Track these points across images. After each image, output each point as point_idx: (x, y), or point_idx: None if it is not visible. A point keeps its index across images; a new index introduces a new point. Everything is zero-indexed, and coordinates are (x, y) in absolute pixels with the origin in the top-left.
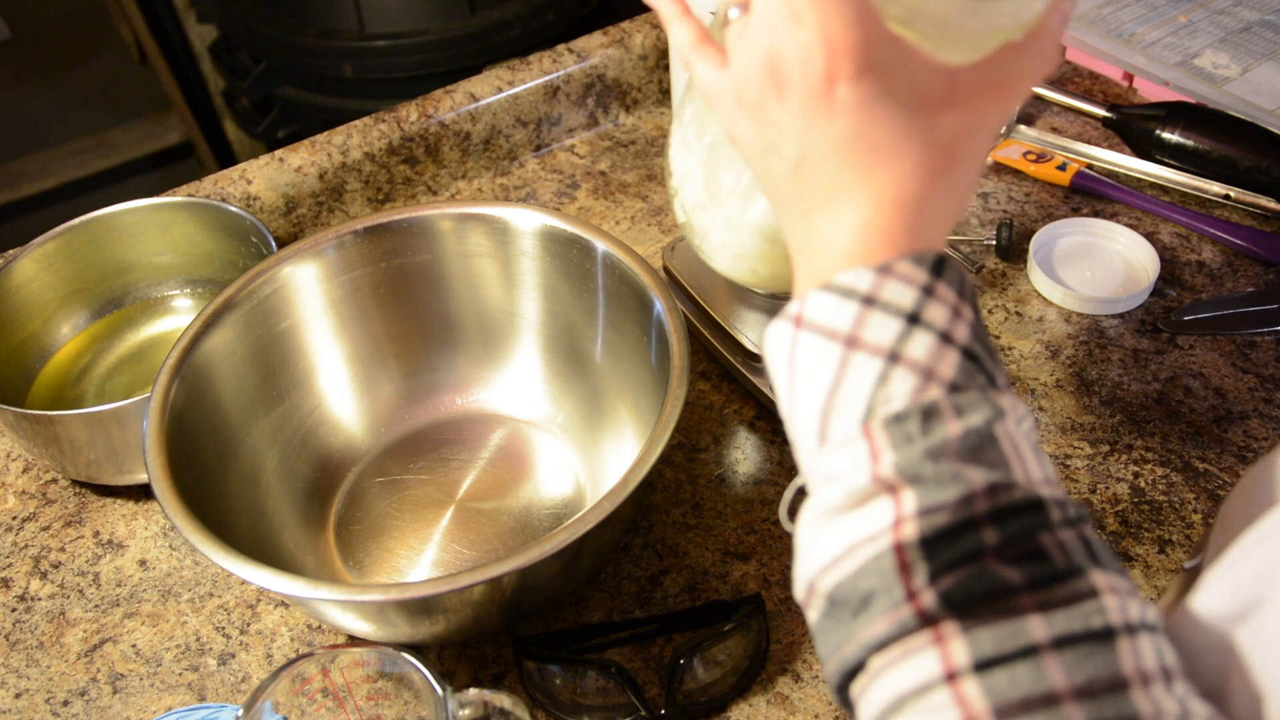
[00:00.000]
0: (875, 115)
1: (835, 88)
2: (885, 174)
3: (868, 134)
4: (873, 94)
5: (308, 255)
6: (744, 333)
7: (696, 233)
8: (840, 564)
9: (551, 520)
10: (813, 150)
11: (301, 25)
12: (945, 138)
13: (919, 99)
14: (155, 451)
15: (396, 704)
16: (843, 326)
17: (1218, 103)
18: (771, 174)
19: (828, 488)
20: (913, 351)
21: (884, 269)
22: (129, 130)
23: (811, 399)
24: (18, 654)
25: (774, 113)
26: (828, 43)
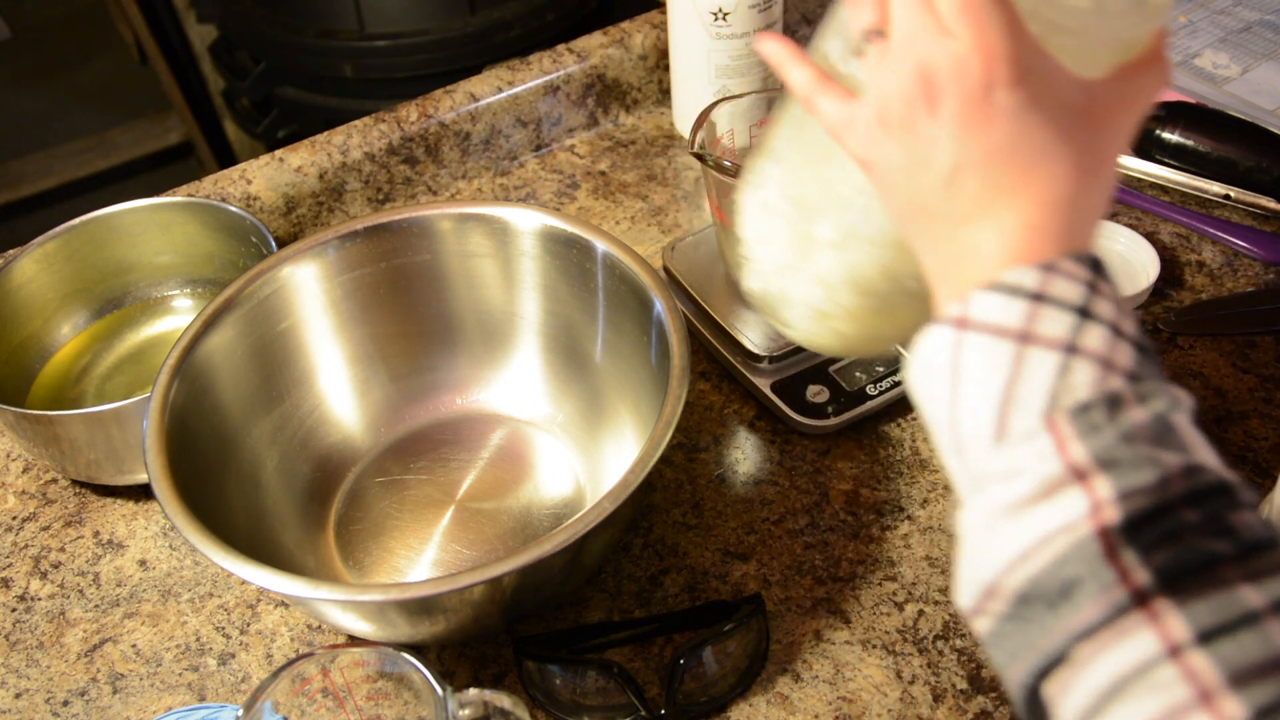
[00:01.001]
0: (1032, 120)
1: (993, 94)
2: (1044, 176)
3: (1026, 138)
4: (1028, 99)
5: (308, 255)
6: (744, 333)
7: (774, 298)
8: (1033, 557)
9: (551, 520)
10: (969, 158)
11: (301, 25)
12: (1091, 143)
13: (1066, 106)
14: (155, 451)
15: (396, 704)
16: (1014, 323)
17: (1218, 103)
18: (919, 190)
19: (1006, 484)
20: (1090, 343)
21: (1049, 266)
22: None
23: (983, 398)
24: (18, 654)
25: (925, 126)
26: (984, 51)
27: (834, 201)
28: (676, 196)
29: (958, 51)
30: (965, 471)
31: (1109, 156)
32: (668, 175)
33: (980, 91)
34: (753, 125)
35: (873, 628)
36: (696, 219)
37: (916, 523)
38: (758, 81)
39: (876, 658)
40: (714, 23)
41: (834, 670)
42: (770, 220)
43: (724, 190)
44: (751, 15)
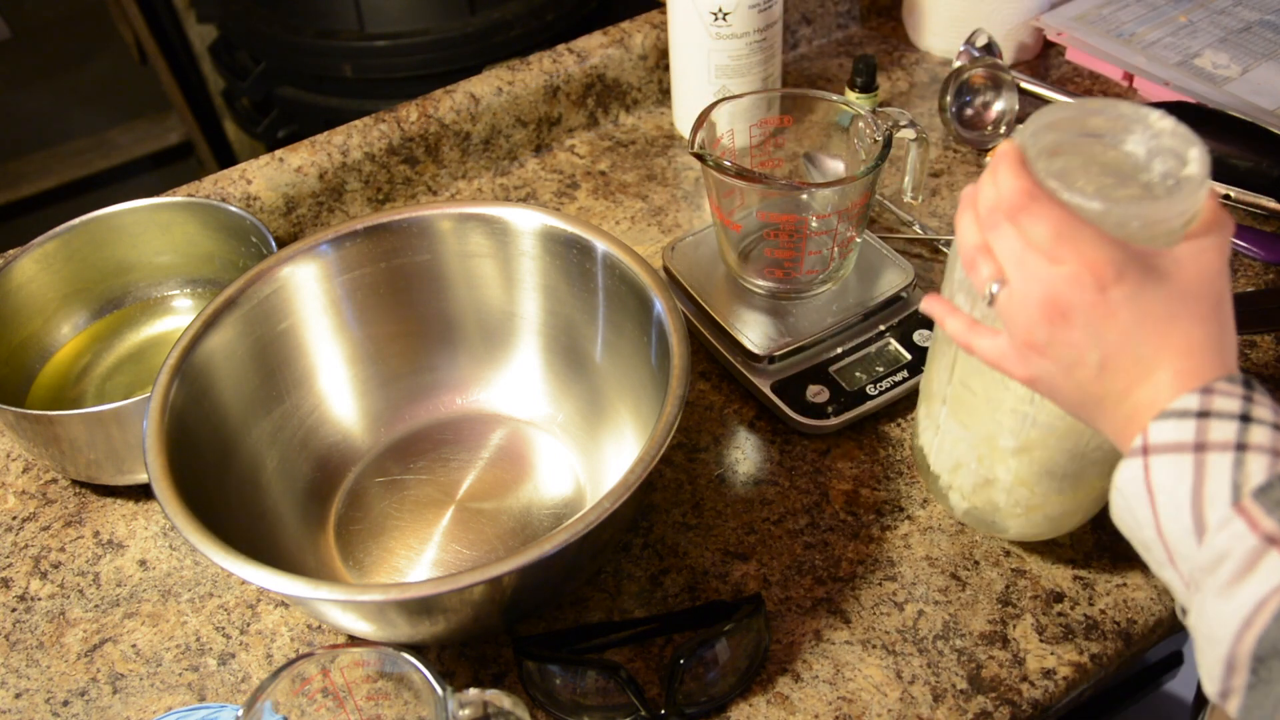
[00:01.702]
0: (1146, 298)
1: (1108, 293)
2: (1174, 334)
3: (1148, 314)
4: (1135, 285)
5: (308, 255)
6: (744, 333)
7: (982, 511)
8: (1255, 621)
9: (551, 520)
10: (1111, 347)
11: (301, 25)
12: (1195, 293)
13: (1164, 277)
14: (155, 451)
15: (396, 704)
16: (1188, 438)
17: (1218, 103)
18: (1081, 385)
19: (1215, 571)
20: (1256, 439)
21: (1206, 389)
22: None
23: (1179, 505)
24: (18, 654)
25: (1067, 336)
26: (1088, 265)
27: (1007, 415)
28: (676, 196)
29: (1068, 273)
30: (1180, 577)
31: (1215, 299)
32: (668, 175)
33: (1097, 295)
34: (752, 125)
35: (873, 628)
36: (696, 219)
37: (916, 523)
38: (758, 81)
39: (876, 658)
40: (714, 23)
41: (834, 670)
42: (955, 449)
43: (724, 190)
44: (751, 15)
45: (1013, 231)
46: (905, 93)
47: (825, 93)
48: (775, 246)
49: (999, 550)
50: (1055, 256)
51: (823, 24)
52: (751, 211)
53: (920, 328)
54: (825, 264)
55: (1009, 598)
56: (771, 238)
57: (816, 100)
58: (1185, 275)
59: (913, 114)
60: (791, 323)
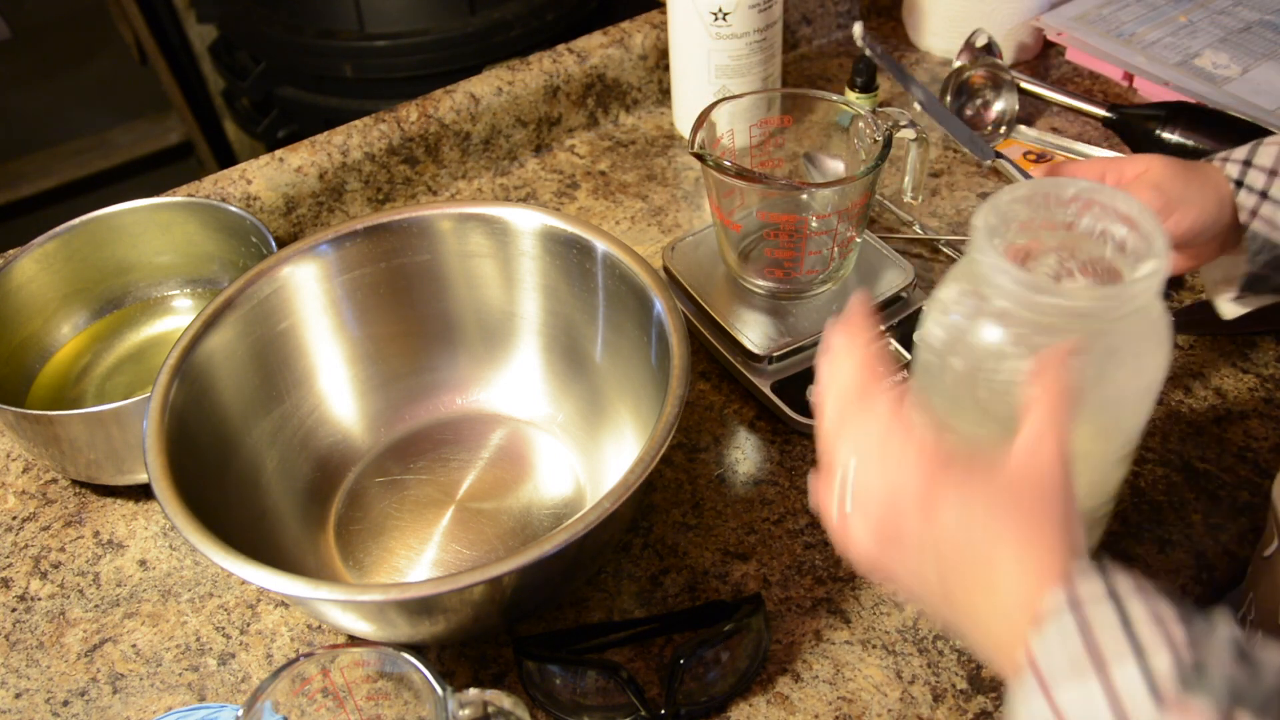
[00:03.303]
0: (971, 510)
1: (934, 515)
2: (1007, 541)
3: (974, 527)
4: (958, 500)
5: (308, 255)
6: (744, 333)
7: None
8: None
9: (551, 520)
10: (945, 563)
11: (301, 25)
12: (1027, 495)
13: (990, 483)
14: (155, 451)
15: (396, 704)
16: (1078, 649)
17: (1218, 103)
18: (935, 603)
19: None
20: (1141, 633)
21: (1065, 577)
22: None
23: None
24: (18, 654)
25: (902, 558)
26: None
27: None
28: (676, 196)
29: (893, 494)
30: None
31: (1047, 497)
32: (668, 175)
33: (923, 518)
34: (752, 125)
35: (873, 628)
36: (696, 219)
37: None
38: (758, 81)
39: (876, 658)
40: (714, 23)
41: (834, 670)
42: None
43: (724, 190)
44: (751, 15)
45: (848, 436)
46: (905, 93)
47: (825, 93)
48: (775, 246)
49: None
50: (883, 468)
51: (823, 24)
52: (751, 211)
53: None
54: (825, 264)
55: None
56: (771, 238)
57: (816, 100)
58: (1014, 474)
59: (913, 114)
60: (791, 323)
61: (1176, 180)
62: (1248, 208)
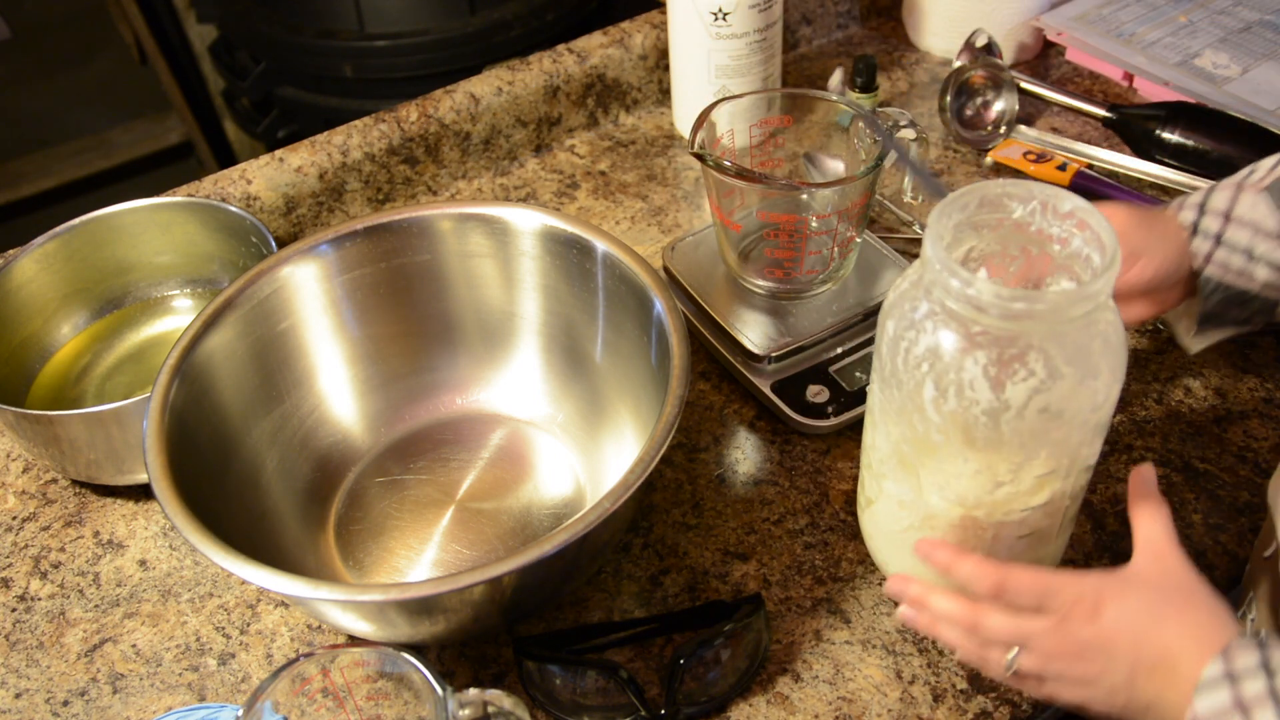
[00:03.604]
0: (1130, 610)
1: (1099, 622)
2: (1171, 628)
3: (1139, 623)
4: (1116, 605)
5: (308, 255)
6: (744, 333)
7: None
8: None
9: (551, 520)
10: (1125, 662)
11: (301, 25)
12: (1170, 586)
13: (1134, 585)
14: (155, 451)
15: (396, 704)
16: (1228, 702)
17: (1218, 103)
18: (1123, 705)
19: None
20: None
21: (1224, 652)
22: (129, 130)
23: None
24: (18, 654)
25: (1086, 669)
26: (1074, 607)
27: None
28: (676, 196)
29: (1062, 620)
30: None
31: (1188, 583)
32: (668, 175)
33: (1093, 626)
34: (752, 125)
35: (873, 628)
36: (696, 219)
37: None
38: (758, 81)
39: (876, 658)
40: (714, 23)
41: (834, 670)
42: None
43: (724, 190)
44: (751, 15)
45: (1001, 614)
46: (905, 93)
47: (825, 93)
48: (775, 246)
49: None
50: (1046, 612)
51: (823, 24)
52: (751, 211)
53: None
54: (825, 264)
55: None
56: (771, 238)
57: (816, 100)
58: (1151, 577)
59: (913, 114)
60: (791, 323)
61: (1139, 230)
62: (1202, 254)
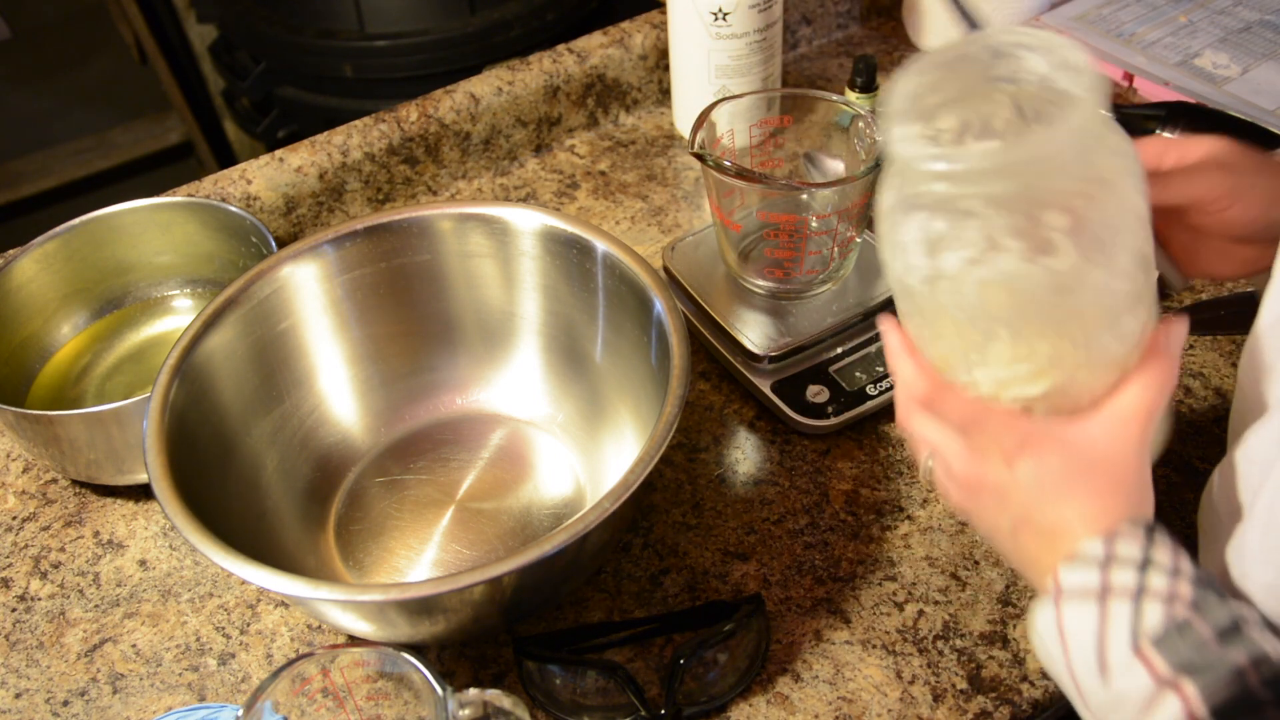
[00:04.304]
0: (1045, 471)
1: (1013, 470)
2: (1074, 505)
3: (1047, 486)
4: (1036, 462)
5: (308, 255)
6: (744, 333)
7: None
8: None
9: (551, 520)
10: (1016, 517)
11: (301, 25)
12: (1101, 467)
13: (1068, 449)
14: (155, 451)
15: (396, 704)
16: (1094, 585)
17: (1218, 103)
18: (1003, 546)
19: (1118, 710)
20: (1154, 585)
21: (1110, 533)
22: (129, 130)
23: (1086, 649)
24: (18, 654)
25: (980, 506)
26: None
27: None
28: (676, 196)
29: (977, 454)
30: (1089, 712)
31: (1120, 472)
32: (668, 175)
33: (1004, 472)
34: (752, 125)
35: (873, 628)
36: (696, 219)
37: (916, 523)
38: (758, 81)
39: (876, 658)
40: (714, 23)
41: (834, 670)
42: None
43: (724, 190)
44: (751, 15)
45: (927, 420)
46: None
47: (825, 93)
48: (775, 246)
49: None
50: (968, 436)
51: (823, 24)
52: (751, 211)
53: None
54: (825, 264)
55: (1009, 598)
56: (771, 238)
57: (816, 100)
58: (1092, 445)
59: None
60: (791, 323)
61: (1248, 164)
62: None
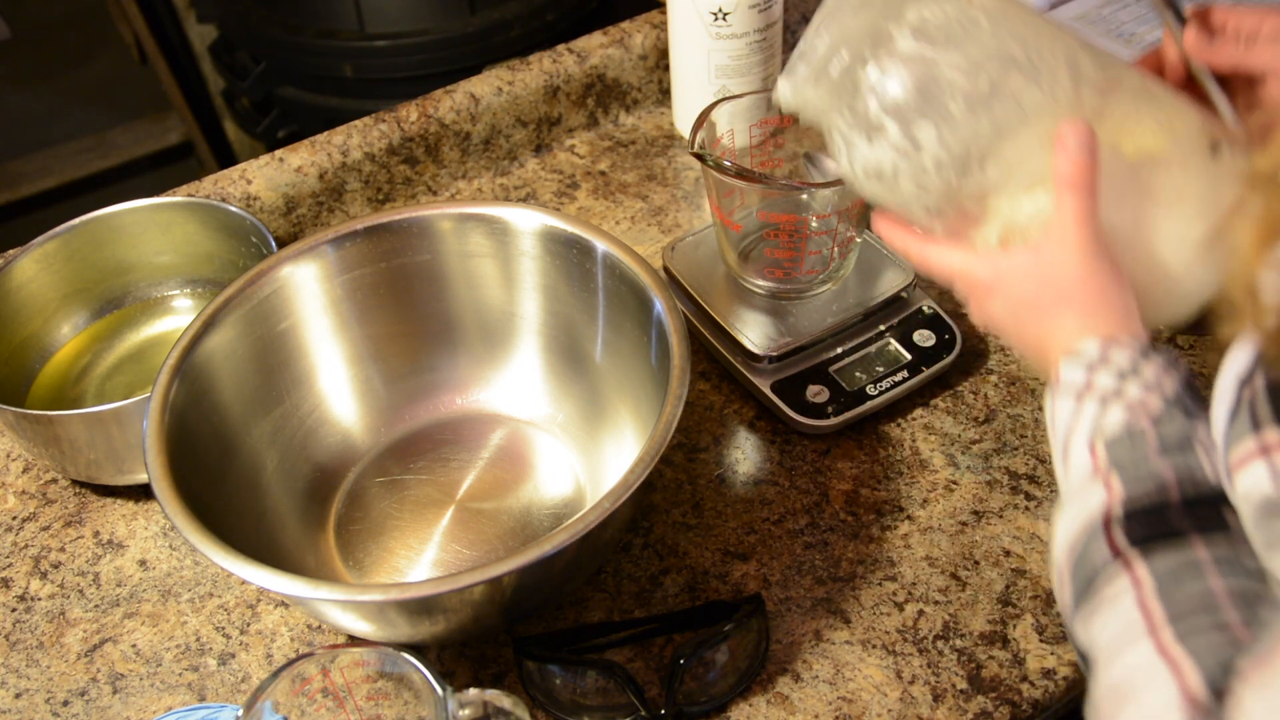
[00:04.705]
0: (1015, 302)
1: (989, 308)
2: (1055, 318)
3: (1022, 313)
4: (1002, 296)
5: (308, 255)
6: (744, 333)
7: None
8: (1074, 537)
9: (551, 520)
10: (1014, 342)
11: (301, 25)
12: (1060, 280)
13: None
14: (155, 451)
15: (396, 704)
16: (1079, 382)
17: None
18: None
19: (1069, 497)
20: (1129, 393)
21: (1109, 339)
22: (129, 130)
23: (1059, 434)
24: (18, 654)
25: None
26: (970, 293)
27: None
28: (676, 196)
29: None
30: (1061, 492)
31: (1079, 278)
32: (668, 175)
33: (988, 309)
34: (752, 125)
35: (873, 628)
36: (696, 219)
37: (916, 523)
38: (758, 81)
39: (876, 658)
40: (714, 23)
41: (834, 670)
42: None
43: (724, 190)
44: (751, 15)
45: (940, 260)
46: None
47: None
48: (775, 246)
49: (999, 550)
50: (959, 287)
51: None
52: (751, 211)
53: (920, 328)
54: (825, 264)
55: (1009, 598)
56: (771, 238)
57: None
58: (1048, 266)
59: None
60: (791, 323)
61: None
62: None
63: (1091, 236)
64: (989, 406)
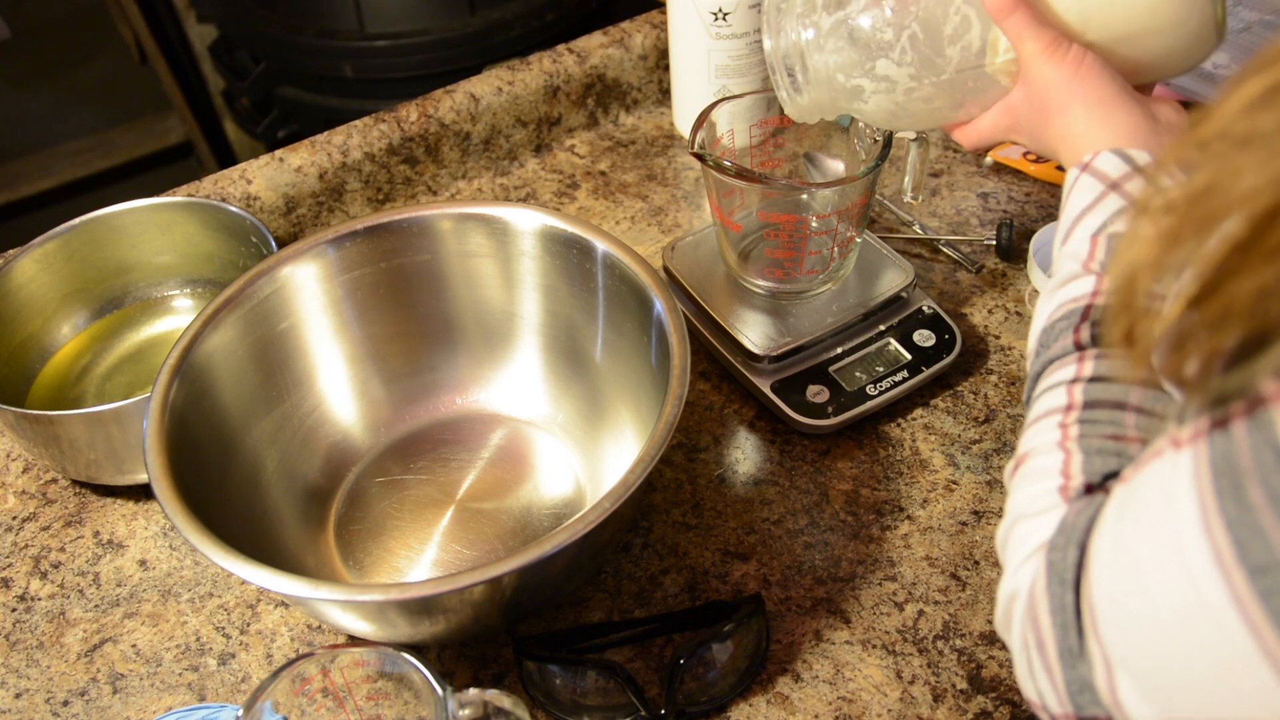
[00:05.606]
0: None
1: (1017, 135)
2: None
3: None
4: (1026, 131)
5: (308, 255)
6: (744, 333)
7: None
8: (1054, 314)
9: (551, 520)
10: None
11: (301, 25)
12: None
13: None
14: (155, 451)
15: (396, 704)
16: (1113, 175)
17: None
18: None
19: (1058, 273)
20: (1151, 205)
21: (1155, 160)
22: (129, 130)
23: (1070, 215)
24: (18, 654)
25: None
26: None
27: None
28: (676, 196)
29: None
30: (1055, 254)
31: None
32: (668, 175)
33: (1017, 134)
34: (753, 125)
35: (873, 628)
36: (696, 219)
37: (916, 523)
38: (758, 81)
39: (876, 658)
40: (714, 23)
41: (834, 670)
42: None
43: (724, 190)
44: (751, 15)
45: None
46: None
47: None
48: (775, 246)
49: None
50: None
51: None
52: (751, 211)
53: (920, 328)
54: (825, 264)
55: None
56: (771, 238)
57: None
58: (1036, 105)
59: None
60: (791, 323)
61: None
62: None
63: (1050, 44)
64: (989, 406)
